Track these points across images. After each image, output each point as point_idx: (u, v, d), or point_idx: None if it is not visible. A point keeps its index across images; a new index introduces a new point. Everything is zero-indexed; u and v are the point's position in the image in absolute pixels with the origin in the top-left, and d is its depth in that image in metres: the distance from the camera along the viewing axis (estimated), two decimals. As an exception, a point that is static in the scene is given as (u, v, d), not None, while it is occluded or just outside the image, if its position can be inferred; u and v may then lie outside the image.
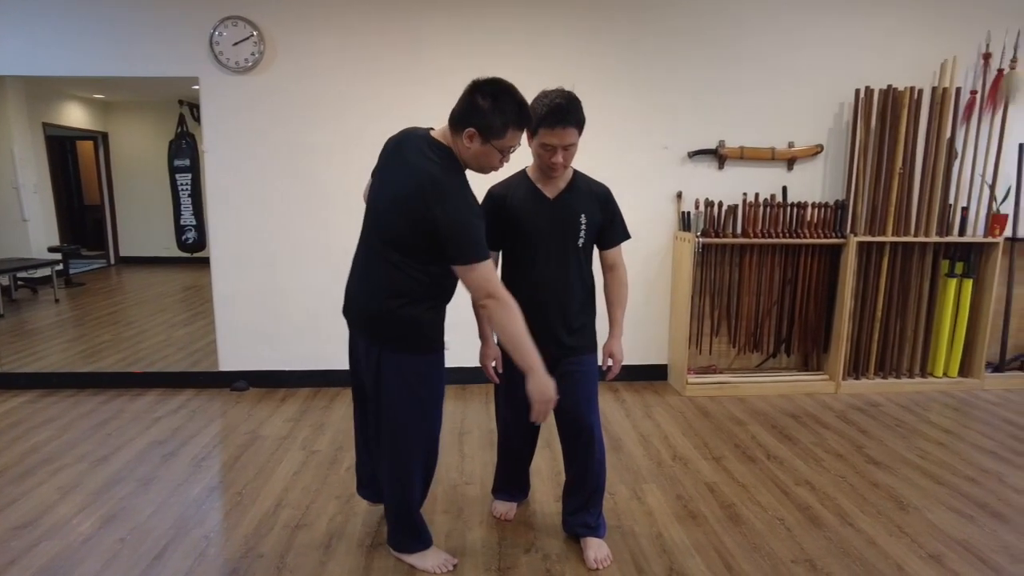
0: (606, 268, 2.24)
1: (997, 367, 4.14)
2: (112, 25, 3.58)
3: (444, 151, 1.87)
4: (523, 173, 2.15)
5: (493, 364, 2.19)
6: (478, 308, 1.94)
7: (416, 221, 1.82)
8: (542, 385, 1.85)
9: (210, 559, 2.19)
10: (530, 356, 1.85)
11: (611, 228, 2.19)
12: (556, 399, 1.89)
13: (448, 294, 1.97)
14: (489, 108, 1.78)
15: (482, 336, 2.22)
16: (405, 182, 1.85)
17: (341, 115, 3.73)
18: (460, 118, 1.83)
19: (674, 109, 3.86)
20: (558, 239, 2.09)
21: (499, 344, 2.13)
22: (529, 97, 1.97)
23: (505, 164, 1.92)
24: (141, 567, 2.14)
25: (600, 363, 2.25)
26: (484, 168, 1.91)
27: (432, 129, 1.94)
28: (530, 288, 2.11)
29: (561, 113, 1.90)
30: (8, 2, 3.54)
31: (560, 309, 2.13)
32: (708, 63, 3.83)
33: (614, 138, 3.85)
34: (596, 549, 2.21)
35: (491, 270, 1.84)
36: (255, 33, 3.59)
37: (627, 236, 2.24)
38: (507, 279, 2.18)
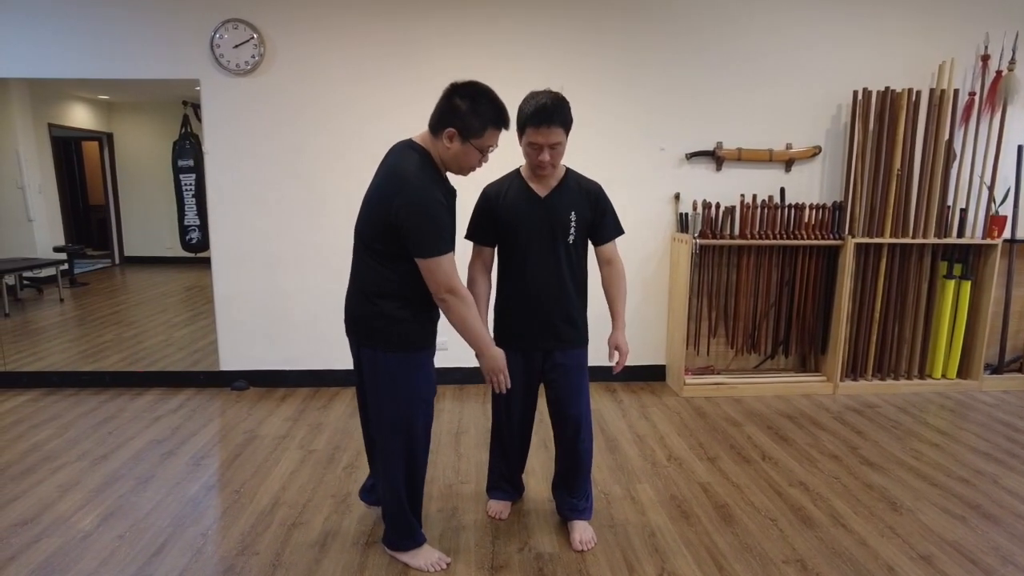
0: (603, 263, 2.28)
1: (996, 369, 4.13)
2: (114, 28, 3.62)
3: (423, 152, 1.94)
4: (516, 172, 2.22)
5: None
6: (437, 302, 1.96)
7: (383, 217, 1.88)
8: (491, 361, 2.06)
9: (207, 556, 2.22)
10: (481, 342, 2.03)
11: (603, 224, 2.23)
12: (505, 369, 2.07)
13: (421, 292, 1.96)
14: (468, 109, 1.85)
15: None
16: (381, 181, 1.94)
17: (340, 117, 3.76)
18: (439, 120, 1.90)
19: (672, 111, 3.87)
20: (548, 236, 2.15)
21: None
22: (522, 99, 2.03)
23: (484, 164, 1.97)
24: (139, 563, 2.17)
25: (608, 358, 2.30)
26: (464, 168, 1.97)
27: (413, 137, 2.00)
28: (522, 283, 2.19)
29: (547, 113, 1.95)
30: (12, 6, 3.59)
31: (551, 304, 2.18)
32: (706, 65, 3.84)
33: (612, 140, 3.86)
34: (581, 531, 2.28)
35: (452, 265, 1.89)
36: (255, 36, 3.62)
37: (620, 231, 2.28)
38: (501, 275, 2.27)
